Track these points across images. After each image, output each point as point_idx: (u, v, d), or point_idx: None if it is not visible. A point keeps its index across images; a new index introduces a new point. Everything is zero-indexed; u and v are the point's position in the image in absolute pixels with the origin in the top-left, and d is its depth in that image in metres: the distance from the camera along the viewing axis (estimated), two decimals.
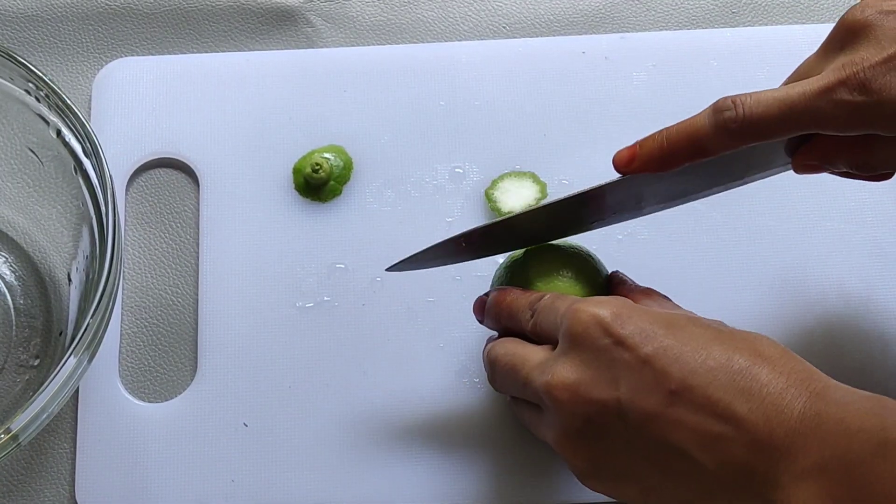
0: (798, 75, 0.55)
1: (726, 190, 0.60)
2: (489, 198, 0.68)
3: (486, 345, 0.60)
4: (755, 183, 0.60)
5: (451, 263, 0.62)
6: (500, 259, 0.64)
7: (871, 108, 0.50)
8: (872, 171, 0.55)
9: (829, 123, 0.51)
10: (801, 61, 0.69)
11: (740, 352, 0.50)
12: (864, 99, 0.50)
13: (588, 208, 0.60)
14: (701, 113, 0.55)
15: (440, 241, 0.60)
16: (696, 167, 0.56)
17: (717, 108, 0.54)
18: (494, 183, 0.68)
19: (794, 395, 0.48)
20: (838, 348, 0.65)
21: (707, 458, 0.49)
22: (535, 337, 0.56)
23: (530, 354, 0.55)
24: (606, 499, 0.61)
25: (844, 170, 0.55)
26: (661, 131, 0.56)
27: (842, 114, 0.51)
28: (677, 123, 0.56)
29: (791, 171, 0.58)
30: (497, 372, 0.57)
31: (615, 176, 0.58)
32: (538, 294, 0.57)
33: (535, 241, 0.61)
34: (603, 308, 0.52)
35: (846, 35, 0.53)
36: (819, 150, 0.55)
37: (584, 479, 0.54)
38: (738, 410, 0.48)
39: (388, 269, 0.61)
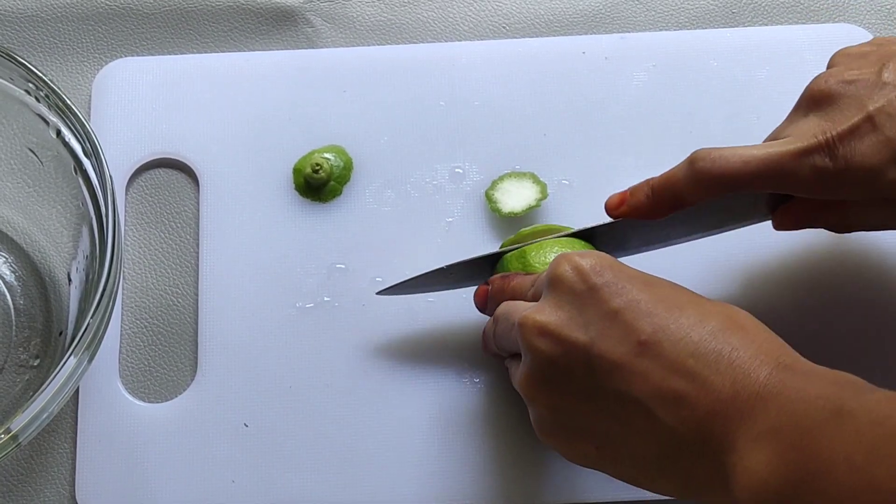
0: (770, 138, 0.58)
1: (706, 237, 0.63)
2: (489, 199, 0.67)
3: (485, 328, 0.61)
4: None
5: (438, 291, 0.64)
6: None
7: (839, 174, 0.54)
8: (849, 231, 0.59)
9: (799, 185, 0.55)
10: (801, 61, 0.70)
11: (714, 315, 0.51)
12: (832, 165, 0.54)
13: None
14: (680, 163, 0.58)
15: (429, 269, 0.63)
16: (678, 216, 0.59)
17: (693, 160, 0.56)
18: (494, 184, 0.68)
19: (762, 362, 0.48)
20: (837, 349, 0.65)
21: (668, 414, 0.49)
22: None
23: (524, 305, 0.56)
24: (605, 500, 0.61)
25: (822, 228, 0.59)
26: (647, 181, 0.59)
27: (812, 177, 0.54)
28: (661, 174, 0.59)
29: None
30: (498, 325, 0.58)
31: (605, 219, 0.61)
32: (538, 273, 0.58)
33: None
34: (584, 258, 0.53)
35: (812, 103, 0.57)
36: (797, 210, 0.59)
37: (542, 429, 0.54)
38: (704, 371, 0.49)
39: (378, 293, 0.64)
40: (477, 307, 0.62)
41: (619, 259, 0.55)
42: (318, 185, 0.68)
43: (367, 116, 0.71)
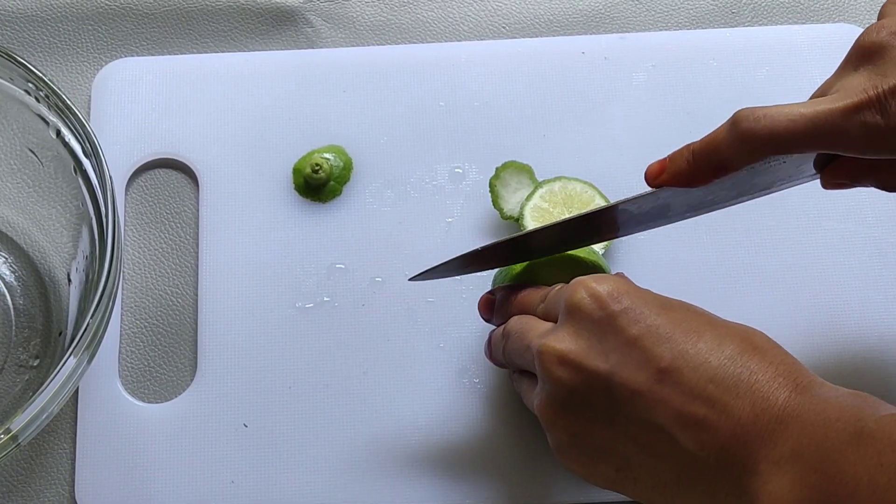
0: (818, 95, 0.55)
1: (752, 199, 0.59)
2: (493, 190, 0.67)
3: (490, 335, 0.61)
4: None
5: (470, 273, 0.61)
6: None
7: (891, 131, 0.50)
8: None
9: (850, 145, 0.51)
10: (801, 61, 0.69)
11: (732, 339, 0.51)
12: (883, 121, 0.50)
13: (616, 220, 0.59)
14: (722, 125, 0.53)
15: (463, 252, 0.59)
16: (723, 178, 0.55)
17: (736, 120, 0.52)
18: (498, 172, 0.67)
19: (781, 385, 0.48)
20: (837, 348, 0.65)
21: (688, 440, 0.49)
22: (545, 320, 0.57)
23: (538, 325, 0.56)
24: (607, 500, 0.61)
25: (873, 187, 0.55)
26: (688, 146, 0.55)
27: (863, 136, 0.50)
28: (702, 138, 0.54)
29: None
30: (509, 341, 0.57)
31: (646, 189, 0.57)
32: (548, 287, 0.58)
33: (558, 251, 0.60)
34: (601, 283, 0.53)
35: (862, 56, 0.52)
36: (848, 168, 0.54)
37: (561, 453, 0.54)
38: (724, 396, 0.49)
39: (410, 279, 0.61)
40: (482, 317, 0.61)
41: (665, 227, 0.53)
42: (317, 185, 0.68)
43: (367, 116, 0.71)
